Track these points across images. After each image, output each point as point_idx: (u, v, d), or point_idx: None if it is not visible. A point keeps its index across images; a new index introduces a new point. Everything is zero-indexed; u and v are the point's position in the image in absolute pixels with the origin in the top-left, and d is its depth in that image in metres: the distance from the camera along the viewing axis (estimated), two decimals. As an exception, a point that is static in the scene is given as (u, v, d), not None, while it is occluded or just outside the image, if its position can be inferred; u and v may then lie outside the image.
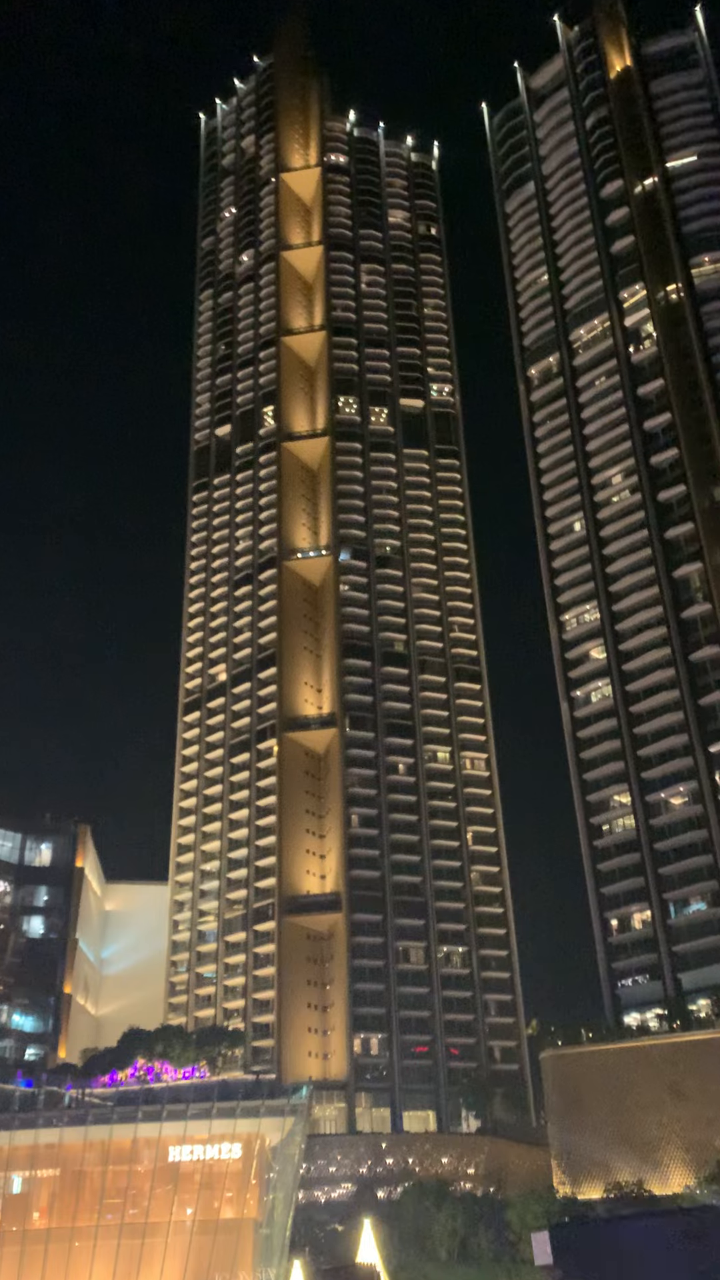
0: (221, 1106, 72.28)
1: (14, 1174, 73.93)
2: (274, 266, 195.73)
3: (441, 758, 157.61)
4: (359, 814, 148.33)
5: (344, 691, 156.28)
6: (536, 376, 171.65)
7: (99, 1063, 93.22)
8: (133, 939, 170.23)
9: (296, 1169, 76.36)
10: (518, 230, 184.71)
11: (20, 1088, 79.61)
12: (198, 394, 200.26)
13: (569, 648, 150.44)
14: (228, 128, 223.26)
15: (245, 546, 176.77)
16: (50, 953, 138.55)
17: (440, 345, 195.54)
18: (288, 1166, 74.22)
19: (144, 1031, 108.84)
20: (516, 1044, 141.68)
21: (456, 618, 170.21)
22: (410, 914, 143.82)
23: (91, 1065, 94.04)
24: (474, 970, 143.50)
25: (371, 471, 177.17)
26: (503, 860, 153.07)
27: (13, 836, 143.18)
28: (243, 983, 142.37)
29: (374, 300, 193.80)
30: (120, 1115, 72.78)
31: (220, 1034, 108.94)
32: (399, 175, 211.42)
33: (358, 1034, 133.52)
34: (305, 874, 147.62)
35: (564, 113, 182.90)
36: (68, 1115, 74.31)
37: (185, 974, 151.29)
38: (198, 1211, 71.67)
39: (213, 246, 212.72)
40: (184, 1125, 72.13)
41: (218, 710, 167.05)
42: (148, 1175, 72.34)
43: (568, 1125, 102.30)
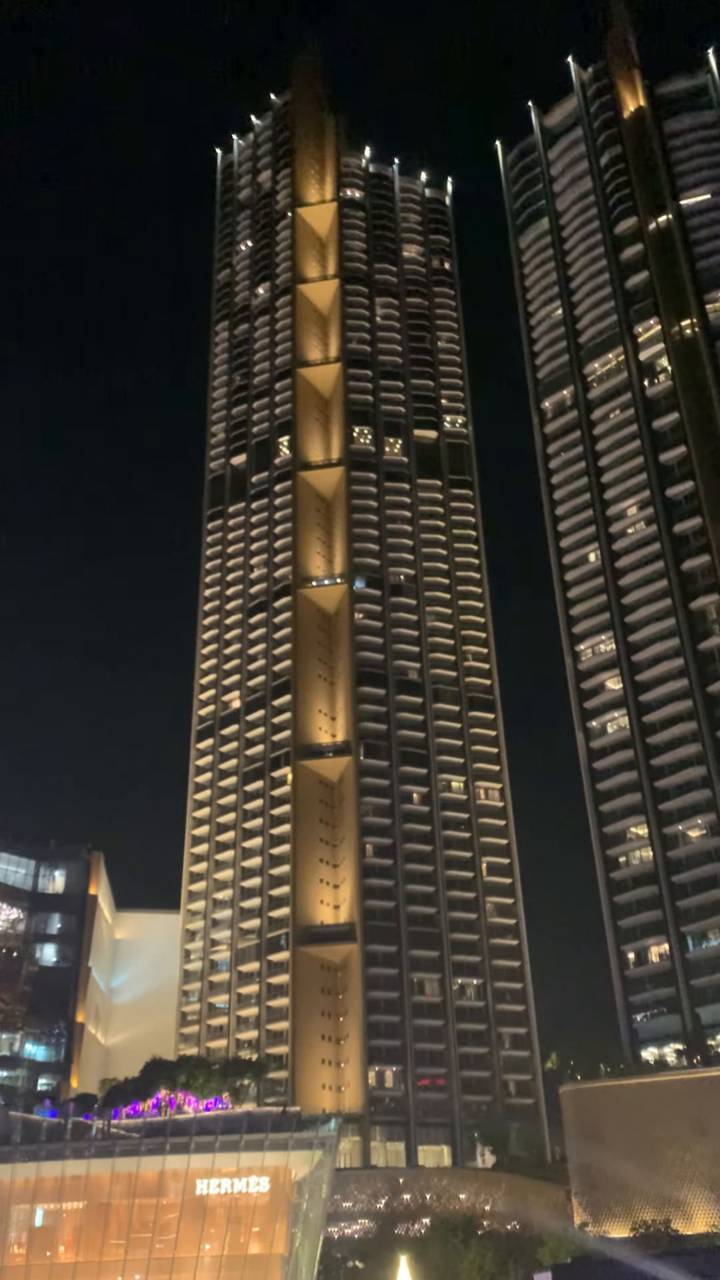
0: (249, 1139, 71.62)
1: (41, 1206, 73.18)
2: (290, 299, 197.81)
3: (455, 787, 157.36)
4: (373, 843, 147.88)
5: (358, 719, 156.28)
6: (550, 409, 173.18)
7: (120, 1093, 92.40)
8: (142, 967, 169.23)
9: (325, 1203, 75.57)
10: (532, 265, 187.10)
11: (46, 1118, 78.92)
12: (213, 423, 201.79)
13: (584, 678, 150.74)
14: (244, 163, 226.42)
15: (260, 574, 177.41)
16: (63, 981, 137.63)
17: (453, 377, 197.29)
18: (315, 1201, 73.37)
19: (166, 1062, 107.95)
20: (531, 1078, 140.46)
21: (470, 646, 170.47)
22: (424, 945, 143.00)
23: (113, 1096, 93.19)
24: (488, 1003, 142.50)
25: (386, 501, 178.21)
26: (517, 892, 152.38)
27: (26, 863, 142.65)
28: (256, 1013, 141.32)
29: (388, 333, 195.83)
30: (148, 1147, 72.06)
31: (243, 1065, 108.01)
32: (413, 210, 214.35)
33: (373, 1066, 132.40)
34: (319, 904, 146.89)
35: (578, 151, 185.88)
36: (94, 1146, 73.52)
37: (197, 1004, 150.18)
38: (225, 1246, 70.82)
39: (229, 279, 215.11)
40: (212, 1158, 71.43)
41: (231, 737, 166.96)
42: (174, 1208, 71.56)
43: (588, 1162, 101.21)
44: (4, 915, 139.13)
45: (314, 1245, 73.18)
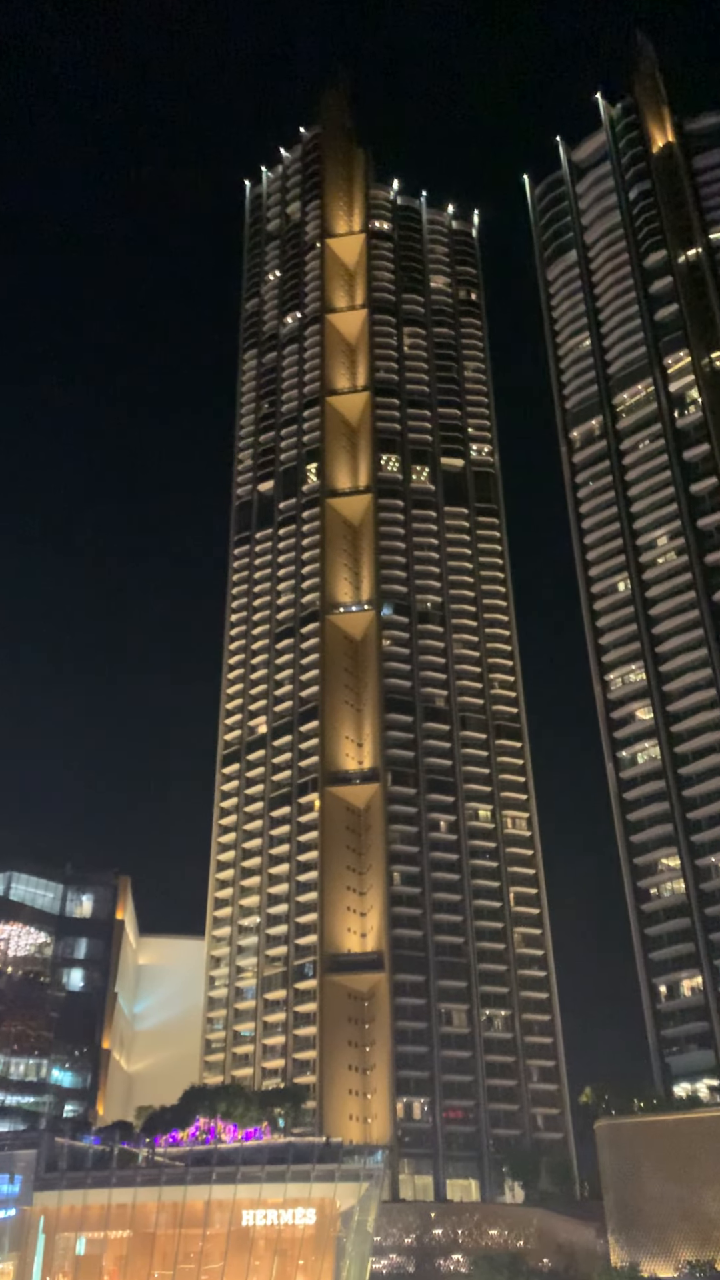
0: (296, 1169, 70.94)
1: (86, 1234, 72.54)
2: (319, 328, 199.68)
3: (483, 816, 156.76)
4: (401, 872, 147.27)
5: (386, 747, 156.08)
6: (579, 439, 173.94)
7: (160, 1121, 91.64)
8: (165, 994, 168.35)
9: (371, 1236, 74.64)
10: (559, 297, 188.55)
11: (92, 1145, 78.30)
12: (240, 450, 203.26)
13: (614, 708, 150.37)
14: (273, 194, 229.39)
15: (288, 600, 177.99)
16: (89, 1007, 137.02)
17: (480, 406, 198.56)
18: (362, 1233, 72.51)
19: (205, 1089, 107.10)
20: (559, 1112, 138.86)
21: (497, 675, 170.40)
22: (452, 975, 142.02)
23: (153, 1123, 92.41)
24: (516, 1035, 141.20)
25: (413, 528, 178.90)
26: (545, 922, 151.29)
27: (54, 887, 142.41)
28: (283, 1041, 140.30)
29: (415, 362, 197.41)
30: (194, 1176, 71.42)
31: (283, 1094, 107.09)
32: (440, 242, 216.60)
33: (401, 1098, 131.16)
34: (346, 932, 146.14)
35: (606, 184, 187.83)
36: (141, 1175, 72.93)
37: (222, 1031, 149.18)
38: (271, 1278, 69.97)
39: (257, 308, 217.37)
40: (259, 1188, 70.76)
41: (257, 763, 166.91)
42: (220, 1239, 70.83)
43: (626, 1198, 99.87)
44: (31, 939, 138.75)
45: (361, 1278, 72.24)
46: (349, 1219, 71.99)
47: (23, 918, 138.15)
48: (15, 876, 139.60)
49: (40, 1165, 73.84)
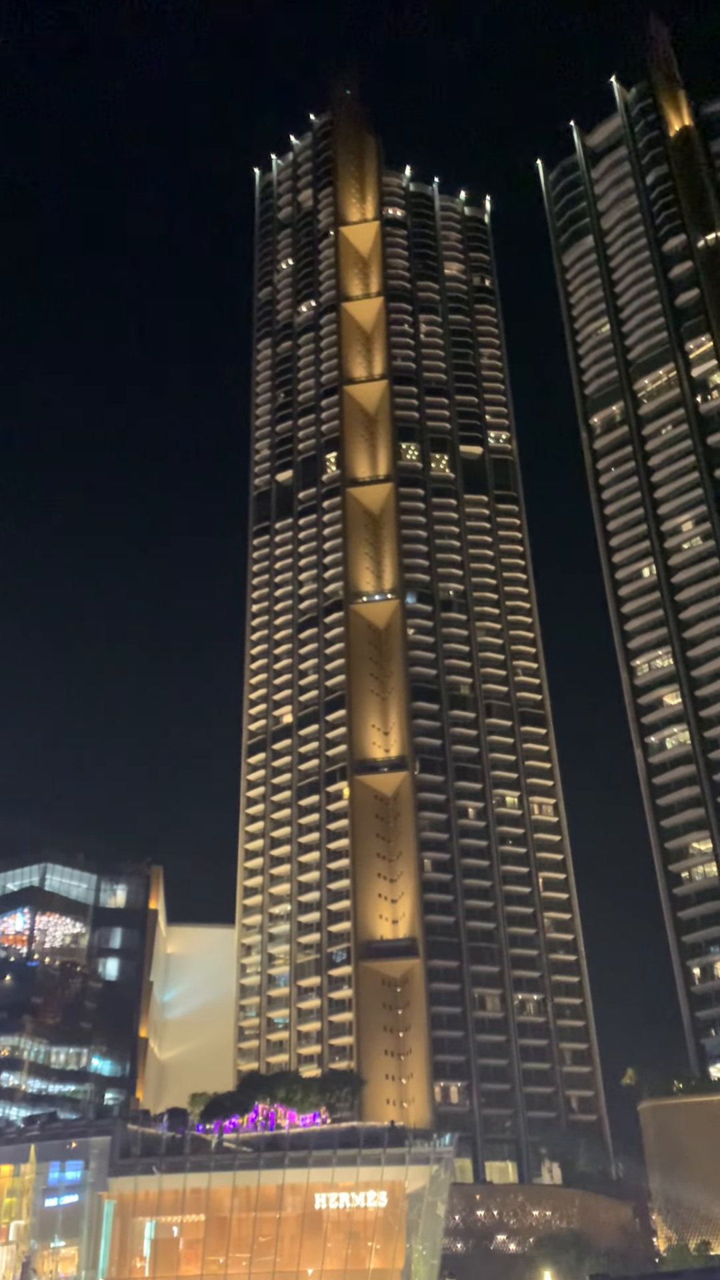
0: (367, 1153, 71.79)
1: (161, 1219, 73.38)
2: (335, 317, 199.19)
3: (510, 802, 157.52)
4: (432, 859, 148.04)
5: (413, 735, 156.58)
6: (599, 425, 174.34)
7: (219, 1107, 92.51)
8: (194, 982, 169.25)
9: (443, 1219, 75.63)
10: (576, 283, 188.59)
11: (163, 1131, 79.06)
12: (257, 440, 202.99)
13: (641, 693, 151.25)
14: (284, 182, 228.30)
15: (310, 589, 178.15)
16: (126, 996, 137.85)
17: (496, 393, 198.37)
18: (434, 1215, 73.48)
19: (262, 1076, 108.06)
20: (593, 1094, 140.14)
21: (520, 662, 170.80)
22: (485, 961, 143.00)
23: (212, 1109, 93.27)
24: (549, 1019, 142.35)
25: (434, 516, 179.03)
26: (574, 907, 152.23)
27: (87, 878, 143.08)
28: (318, 1028, 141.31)
29: (432, 350, 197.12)
30: (267, 1160, 72.29)
31: (341, 1079, 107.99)
32: (453, 229, 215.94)
33: (438, 1082, 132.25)
34: (378, 918, 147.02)
35: (623, 169, 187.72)
36: (214, 1160, 73.76)
37: (255, 1018, 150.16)
38: (345, 1261, 70.94)
39: (270, 297, 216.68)
40: (331, 1172, 71.62)
41: (283, 752, 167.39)
42: (294, 1222, 71.75)
43: (672, 1178, 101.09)
44: (66, 930, 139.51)
45: (433, 1261, 73.26)
46: (418, 1201, 72.92)
47: (58, 908, 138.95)
48: (50, 868, 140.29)
49: (114, 1151, 74.68)
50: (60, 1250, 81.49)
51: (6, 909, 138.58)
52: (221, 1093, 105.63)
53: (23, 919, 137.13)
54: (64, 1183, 79.96)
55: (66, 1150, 77.75)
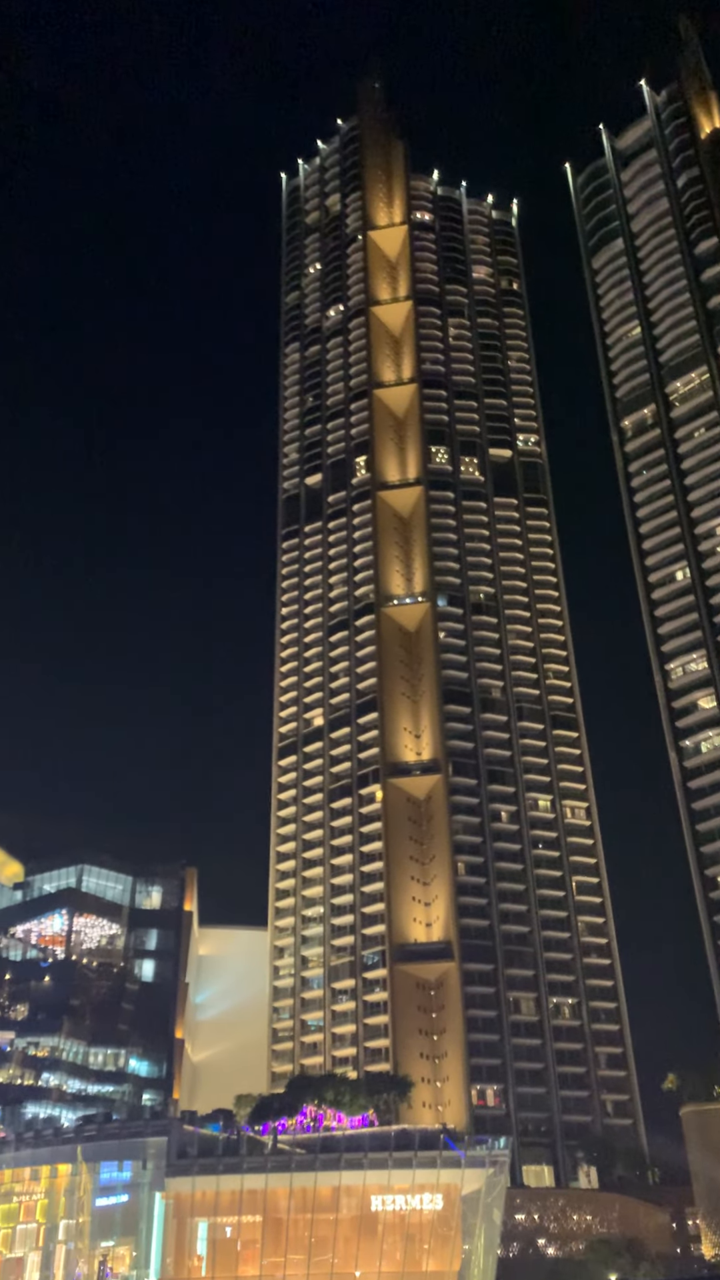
0: (423, 1156, 71.98)
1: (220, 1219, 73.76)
2: (364, 321, 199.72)
3: (543, 806, 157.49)
4: (465, 862, 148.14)
5: (446, 738, 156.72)
6: (630, 427, 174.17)
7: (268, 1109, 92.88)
8: (225, 984, 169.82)
9: (498, 1222, 75.74)
10: (606, 285, 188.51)
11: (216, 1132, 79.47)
12: (285, 444, 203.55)
13: (675, 697, 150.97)
14: (310, 186, 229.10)
15: (340, 592, 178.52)
16: (162, 997, 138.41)
17: (525, 396, 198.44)
18: (490, 1218, 73.62)
19: (311, 1078, 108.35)
20: (628, 1098, 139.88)
21: (551, 665, 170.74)
22: (519, 964, 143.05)
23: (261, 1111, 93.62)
24: (584, 1022, 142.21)
25: (464, 520, 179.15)
26: (607, 911, 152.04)
27: (124, 879, 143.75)
28: (352, 1030, 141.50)
29: (461, 353, 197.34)
30: (323, 1163, 72.58)
31: (389, 1082, 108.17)
32: (481, 232, 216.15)
33: (474, 1085, 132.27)
34: (412, 921, 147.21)
35: (653, 172, 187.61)
36: (271, 1161, 74.12)
37: (289, 1020, 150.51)
38: (401, 1263, 71.16)
39: (297, 301, 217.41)
40: (388, 1174, 71.86)
41: (314, 754, 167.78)
42: (350, 1224, 72.01)
43: (716, 1183, 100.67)
44: (103, 931, 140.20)
45: (489, 1263, 73.38)
46: (473, 1204, 73.09)
47: (95, 910, 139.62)
48: (86, 869, 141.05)
49: (171, 1152, 75.12)
50: (112, 1249, 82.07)
51: (44, 910, 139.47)
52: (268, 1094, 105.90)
53: (61, 920, 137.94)
54: (119, 1182, 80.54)
55: (123, 1150, 78.29)
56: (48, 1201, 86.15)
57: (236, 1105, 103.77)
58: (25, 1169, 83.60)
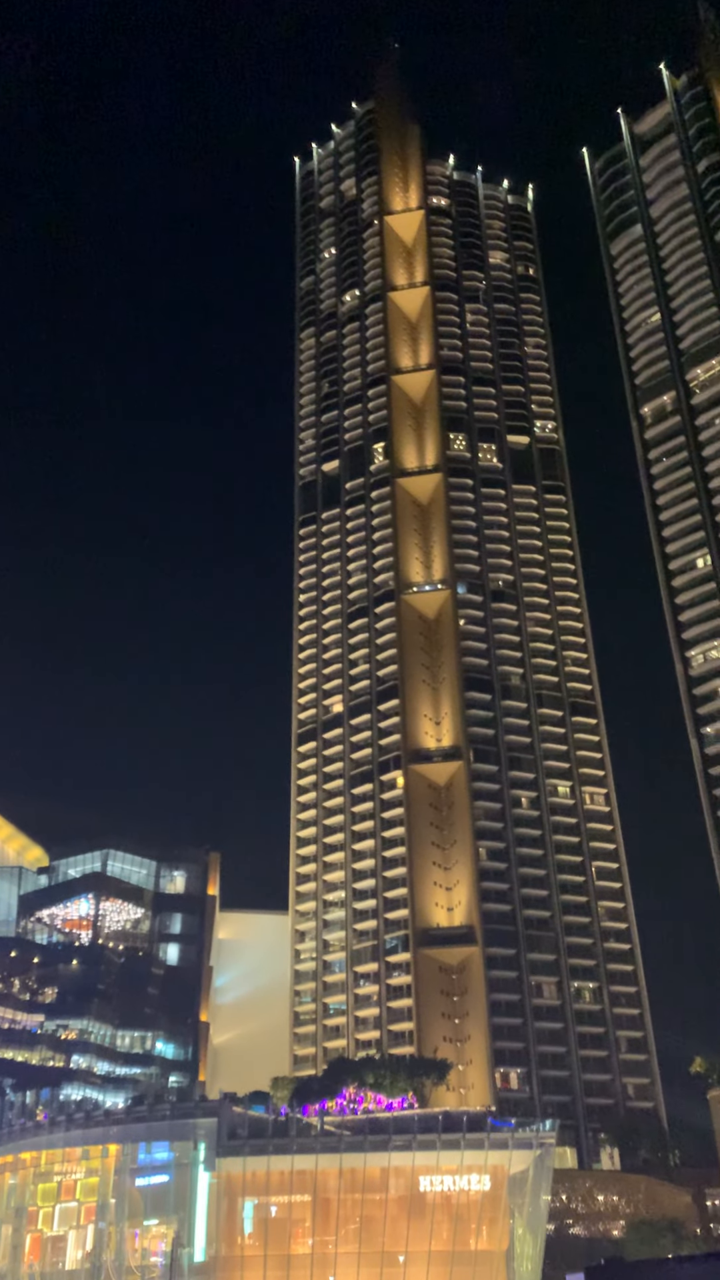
0: (471, 1137, 72.94)
1: (269, 1199, 74.73)
2: (381, 306, 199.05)
3: (562, 792, 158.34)
4: (487, 847, 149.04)
5: (467, 725, 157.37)
6: (650, 415, 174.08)
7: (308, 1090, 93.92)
8: (246, 968, 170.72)
9: (545, 1202, 76.76)
10: (625, 271, 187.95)
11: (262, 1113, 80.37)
12: (301, 430, 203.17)
13: (696, 684, 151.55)
14: (325, 171, 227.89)
15: (359, 579, 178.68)
16: (188, 980, 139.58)
17: (543, 383, 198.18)
18: (537, 1199, 74.64)
19: (350, 1061, 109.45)
20: (649, 1081, 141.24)
21: (570, 652, 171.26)
22: (541, 949, 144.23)
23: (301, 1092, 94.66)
24: (605, 1006, 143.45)
25: (483, 506, 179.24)
26: (627, 896, 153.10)
27: (147, 864, 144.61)
28: (375, 1014, 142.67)
29: (478, 339, 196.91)
30: (372, 1144, 73.52)
31: (428, 1064, 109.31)
32: (497, 217, 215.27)
33: (498, 1068, 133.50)
34: (434, 906, 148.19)
35: (672, 158, 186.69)
36: (321, 1143, 75.06)
37: (311, 1004, 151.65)
38: (451, 1242, 72.19)
39: (312, 286, 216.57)
40: (436, 1155, 72.81)
41: (334, 741, 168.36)
42: (399, 1204, 73.00)
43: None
44: (128, 915, 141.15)
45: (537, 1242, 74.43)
46: (518, 1185, 74.07)
47: (120, 894, 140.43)
48: (111, 854, 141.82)
49: (222, 1133, 76.06)
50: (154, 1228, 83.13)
51: (70, 895, 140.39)
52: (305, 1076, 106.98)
53: (87, 904, 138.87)
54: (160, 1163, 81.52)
55: (174, 1131, 79.16)
56: (93, 1180, 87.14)
57: (273, 1087, 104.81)
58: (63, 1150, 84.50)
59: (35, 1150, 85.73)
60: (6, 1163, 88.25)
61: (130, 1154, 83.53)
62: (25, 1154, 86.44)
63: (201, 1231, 78.10)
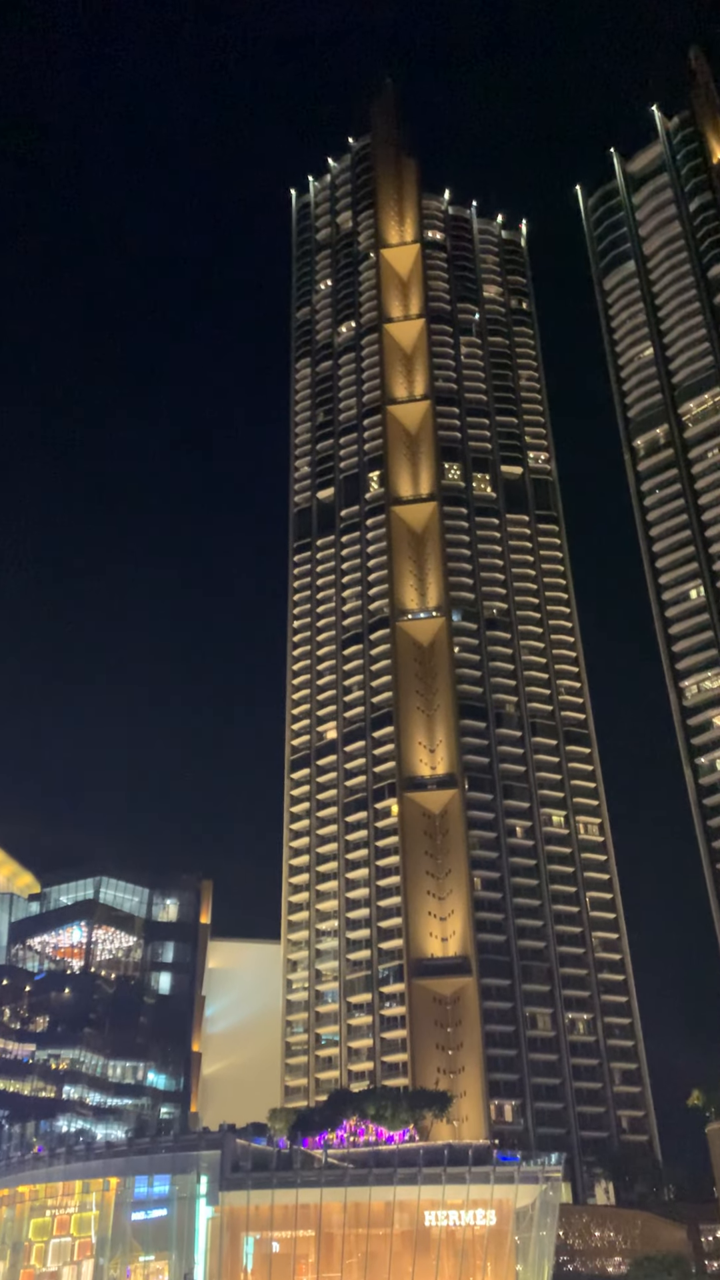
0: (476, 1171, 72.25)
1: (274, 1234, 73.68)
2: (376, 337, 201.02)
3: (556, 821, 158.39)
4: (482, 876, 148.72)
5: (462, 752, 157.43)
6: (643, 447, 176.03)
7: (308, 1123, 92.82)
8: (235, 997, 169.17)
9: (551, 1238, 76.00)
10: (618, 307, 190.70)
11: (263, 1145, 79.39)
12: (296, 458, 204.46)
13: (690, 714, 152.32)
14: (321, 204, 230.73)
15: (353, 606, 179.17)
16: (180, 1010, 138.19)
17: (536, 414, 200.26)
18: (543, 1234, 73.87)
19: (350, 1093, 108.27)
20: (644, 1114, 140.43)
21: (564, 680, 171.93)
22: (536, 979, 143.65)
23: (301, 1124, 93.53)
24: (599, 1038, 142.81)
25: (477, 535, 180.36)
26: (621, 926, 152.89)
27: (140, 891, 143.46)
28: (369, 1045, 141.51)
29: (472, 371, 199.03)
30: (376, 1177, 72.70)
31: (430, 1097, 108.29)
32: (491, 252, 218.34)
33: (493, 1100, 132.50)
34: (428, 936, 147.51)
35: (664, 196, 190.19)
36: (325, 1176, 74.15)
37: (304, 1034, 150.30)
38: (456, 1279, 71.29)
39: (309, 317, 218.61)
40: (442, 1189, 72.07)
41: (328, 768, 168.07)
42: (404, 1239, 72.10)
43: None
44: (120, 943, 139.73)
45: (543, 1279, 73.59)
46: (524, 1220, 73.33)
47: (113, 922, 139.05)
48: (104, 881, 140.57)
49: (225, 1165, 75.00)
50: (150, 1264, 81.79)
51: (63, 922, 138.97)
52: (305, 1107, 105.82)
53: (79, 932, 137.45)
54: (157, 1196, 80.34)
55: (176, 1164, 78.04)
56: (86, 1215, 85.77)
57: (271, 1119, 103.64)
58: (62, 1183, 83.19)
59: (34, 1183, 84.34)
60: (3, 1196, 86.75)
61: (131, 1187, 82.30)
62: (23, 1187, 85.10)
63: (201, 1267, 76.90)
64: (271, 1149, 78.69)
